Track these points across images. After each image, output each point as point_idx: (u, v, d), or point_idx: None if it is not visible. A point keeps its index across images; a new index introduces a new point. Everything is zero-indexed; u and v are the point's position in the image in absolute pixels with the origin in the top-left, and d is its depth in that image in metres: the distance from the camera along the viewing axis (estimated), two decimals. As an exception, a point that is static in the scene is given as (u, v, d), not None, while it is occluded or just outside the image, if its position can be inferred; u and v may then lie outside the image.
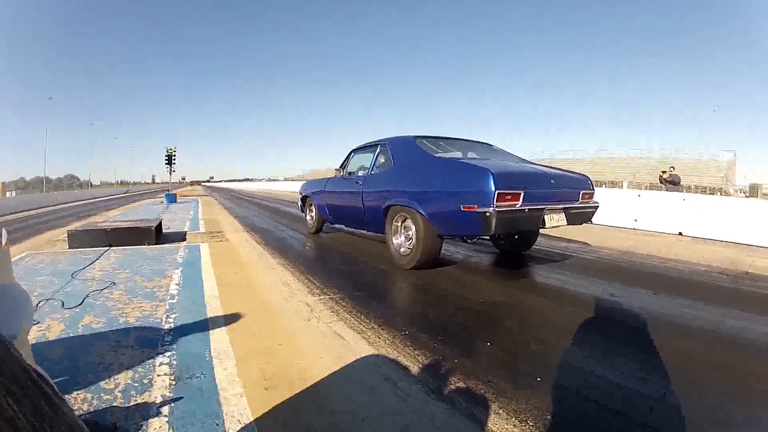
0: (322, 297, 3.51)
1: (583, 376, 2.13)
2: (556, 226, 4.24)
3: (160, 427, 1.64)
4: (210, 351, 2.36)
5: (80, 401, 1.79)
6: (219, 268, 4.50)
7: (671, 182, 13.41)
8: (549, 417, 1.77)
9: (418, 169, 4.72)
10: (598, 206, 4.80)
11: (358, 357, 2.34)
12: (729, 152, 44.97)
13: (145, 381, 2.00)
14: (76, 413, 1.73)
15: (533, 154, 55.95)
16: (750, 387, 2.07)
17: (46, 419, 0.34)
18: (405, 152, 5.08)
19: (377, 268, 4.68)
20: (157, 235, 6.33)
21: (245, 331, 2.70)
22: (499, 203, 3.66)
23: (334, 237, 7.08)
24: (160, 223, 7.12)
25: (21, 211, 16.12)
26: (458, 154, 5.38)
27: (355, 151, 6.30)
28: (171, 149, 25.28)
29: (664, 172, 14.34)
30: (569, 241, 6.69)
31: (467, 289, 3.76)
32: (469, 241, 5.11)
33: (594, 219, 5.02)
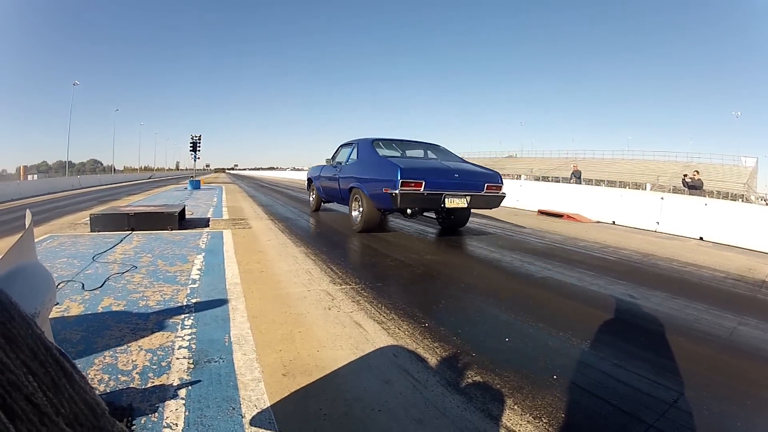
0: (343, 286, 3.50)
1: (596, 377, 2.09)
2: (456, 207, 5.73)
3: (177, 409, 1.64)
4: (229, 336, 2.37)
5: (97, 382, 1.81)
6: (241, 255, 4.52)
7: (693, 186, 13.17)
8: (563, 414, 1.74)
9: (368, 163, 6.47)
10: (504, 196, 6.21)
11: (376, 347, 2.32)
12: (751, 159, 43.98)
13: (164, 364, 2.01)
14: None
15: (559, 154, 56.15)
16: (762, 396, 2.02)
17: (65, 395, 0.33)
18: (364, 150, 6.83)
19: (399, 259, 4.64)
20: (180, 220, 6.40)
21: (265, 317, 2.70)
22: (403, 188, 5.28)
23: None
24: (184, 209, 7.20)
25: (42, 195, 16.31)
26: (396, 153, 6.97)
27: (341, 146, 8.00)
28: (195, 136, 25.54)
29: (685, 175, 14.16)
30: (592, 242, 6.63)
31: (490, 286, 3.75)
32: (406, 216, 6.19)
33: (616, 220, 7.02)
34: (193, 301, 2.96)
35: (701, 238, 7.49)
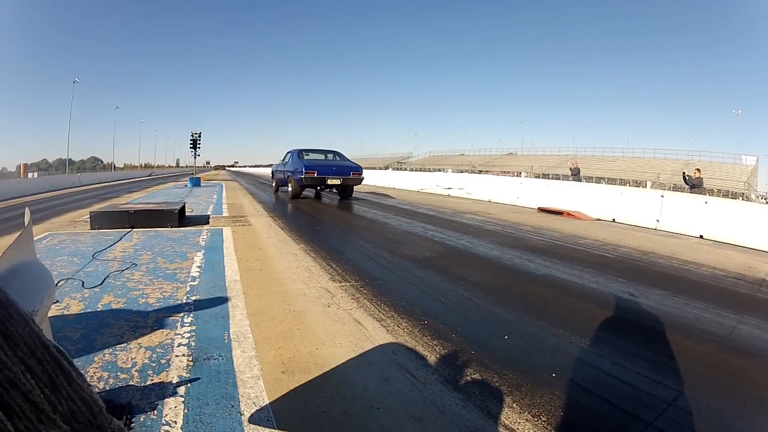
0: (342, 284, 3.50)
1: (596, 374, 2.10)
2: (334, 185, 11.24)
3: (176, 406, 1.64)
4: (229, 334, 2.37)
5: (96, 379, 1.81)
6: (241, 252, 4.53)
7: (693, 185, 13.12)
8: (562, 412, 1.75)
9: (295, 163, 11.33)
10: (363, 178, 11.80)
11: (375, 345, 2.32)
12: (752, 157, 43.89)
13: (163, 361, 2.01)
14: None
15: (559, 151, 56.68)
16: (761, 395, 2.02)
17: (62, 393, 0.33)
18: (295, 155, 11.84)
19: (400, 256, 4.64)
20: (179, 218, 6.39)
21: (265, 315, 2.71)
22: (305, 175, 10.61)
23: (359, 224, 7.08)
24: (183, 206, 7.19)
25: (42, 193, 16.15)
26: (314, 157, 12.15)
27: (288, 152, 12.83)
28: (196, 133, 25.61)
29: (685, 171, 14.17)
30: (592, 239, 6.66)
31: (496, 282, 3.75)
32: (318, 189, 11.99)
33: (616, 218, 8.97)
34: (193, 298, 2.96)
35: (701, 237, 7.47)
